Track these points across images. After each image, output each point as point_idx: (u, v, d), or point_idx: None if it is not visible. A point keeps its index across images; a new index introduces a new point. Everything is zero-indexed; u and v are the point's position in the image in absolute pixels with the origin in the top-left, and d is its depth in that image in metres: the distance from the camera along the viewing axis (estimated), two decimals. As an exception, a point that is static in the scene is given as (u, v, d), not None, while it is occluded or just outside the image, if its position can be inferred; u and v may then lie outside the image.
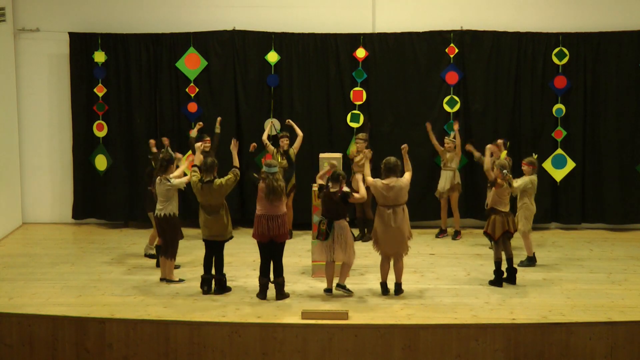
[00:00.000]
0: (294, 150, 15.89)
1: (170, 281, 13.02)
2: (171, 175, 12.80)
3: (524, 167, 13.95)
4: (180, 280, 13.08)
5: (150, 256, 14.40)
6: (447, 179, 15.90)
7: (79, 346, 11.38)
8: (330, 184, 12.19)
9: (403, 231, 12.29)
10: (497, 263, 12.90)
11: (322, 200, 12.32)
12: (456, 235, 16.08)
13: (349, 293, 12.33)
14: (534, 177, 13.96)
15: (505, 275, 12.94)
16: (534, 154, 14.41)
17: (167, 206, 12.79)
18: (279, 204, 12.15)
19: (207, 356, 11.19)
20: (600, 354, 11.09)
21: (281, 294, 12.24)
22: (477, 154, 15.48)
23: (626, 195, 16.77)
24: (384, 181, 12.32)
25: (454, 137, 16.00)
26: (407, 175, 12.37)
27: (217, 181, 12.40)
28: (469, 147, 15.79)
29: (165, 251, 13.03)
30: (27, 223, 17.46)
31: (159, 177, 12.87)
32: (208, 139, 15.59)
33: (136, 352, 11.28)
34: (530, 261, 14.04)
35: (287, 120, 16.13)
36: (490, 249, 14.93)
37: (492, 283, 12.91)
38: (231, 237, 12.70)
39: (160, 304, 11.95)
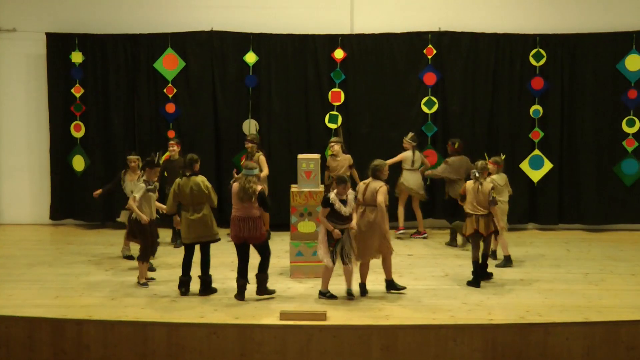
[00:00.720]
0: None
1: (138, 282, 12.91)
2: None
3: (489, 166, 14.03)
4: (148, 280, 12.95)
5: (129, 257, 14.32)
6: (414, 179, 15.92)
7: (56, 348, 11.30)
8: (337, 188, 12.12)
9: (373, 234, 12.24)
10: (475, 263, 12.93)
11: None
12: (403, 233, 16.20)
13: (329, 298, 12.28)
14: (498, 177, 14.08)
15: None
16: (501, 154, 14.46)
17: (140, 209, 12.72)
18: (249, 206, 12.11)
19: (185, 357, 11.14)
20: (578, 354, 11.12)
21: (262, 290, 12.22)
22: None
23: (603, 196, 16.88)
24: (364, 181, 12.42)
25: (411, 139, 15.98)
26: (385, 191, 12.29)
27: (200, 177, 12.40)
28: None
29: (140, 254, 12.91)
30: (3, 224, 17.38)
31: (145, 182, 12.78)
32: (173, 142, 15.38)
33: (114, 353, 11.21)
34: (507, 261, 14.08)
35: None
36: (449, 246, 15.05)
37: (470, 284, 12.93)
38: (218, 239, 12.66)
39: (138, 305, 11.90)
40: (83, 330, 11.26)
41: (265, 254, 12.28)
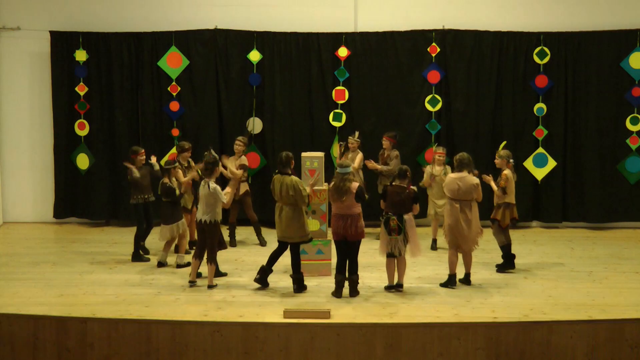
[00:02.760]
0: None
1: (211, 286, 12.70)
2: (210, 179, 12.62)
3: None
4: (211, 286, 12.78)
5: (186, 265, 13.95)
6: None
7: (60, 346, 11.32)
8: (397, 180, 12.42)
9: (470, 226, 12.66)
10: (507, 246, 13.53)
11: (389, 195, 12.41)
12: None
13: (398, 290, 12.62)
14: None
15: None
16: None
17: (210, 211, 12.53)
18: (350, 204, 12.21)
19: (188, 355, 11.16)
20: (581, 352, 11.13)
21: (355, 291, 12.32)
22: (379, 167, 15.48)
23: (607, 194, 16.86)
24: (454, 175, 12.68)
25: (358, 137, 15.78)
26: (474, 179, 12.72)
27: (295, 179, 12.48)
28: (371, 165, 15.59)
29: (210, 257, 12.69)
30: (7, 222, 17.39)
31: (203, 181, 12.64)
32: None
33: (118, 351, 11.23)
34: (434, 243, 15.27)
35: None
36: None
37: (503, 268, 13.65)
38: (309, 239, 12.66)
39: (142, 303, 11.91)
40: (87, 328, 11.28)
41: (356, 254, 12.40)
